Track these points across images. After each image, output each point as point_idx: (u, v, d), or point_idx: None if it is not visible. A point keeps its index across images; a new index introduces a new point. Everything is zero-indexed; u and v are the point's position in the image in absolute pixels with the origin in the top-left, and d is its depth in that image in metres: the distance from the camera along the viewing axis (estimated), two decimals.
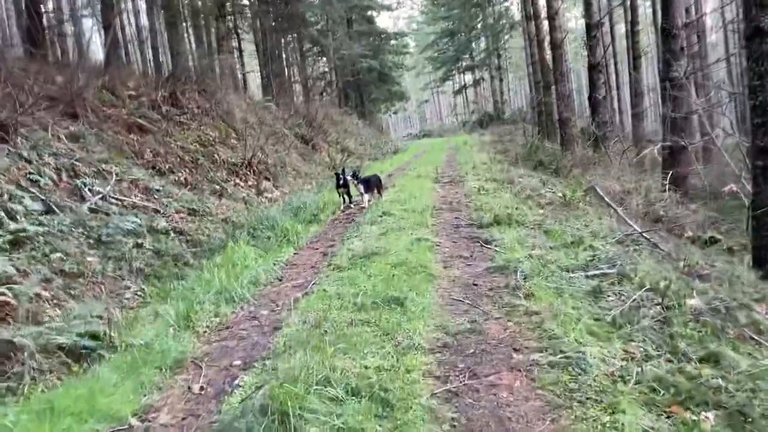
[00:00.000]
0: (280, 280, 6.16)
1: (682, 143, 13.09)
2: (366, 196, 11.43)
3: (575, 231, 7.59)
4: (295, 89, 40.54)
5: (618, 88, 31.18)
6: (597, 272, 5.76)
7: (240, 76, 30.88)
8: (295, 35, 40.30)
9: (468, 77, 67.04)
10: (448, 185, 13.32)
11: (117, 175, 9.73)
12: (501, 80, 58.67)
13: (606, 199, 8.11)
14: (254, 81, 43.80)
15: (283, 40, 38.52)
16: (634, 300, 4.68)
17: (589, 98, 18.06)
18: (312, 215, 9.82)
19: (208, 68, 19.78)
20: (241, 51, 37.56)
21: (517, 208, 9.22)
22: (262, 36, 32.15)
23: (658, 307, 4.54)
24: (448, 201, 10.77)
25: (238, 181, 13.85)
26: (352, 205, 11.68)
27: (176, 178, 11.91)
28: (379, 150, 31.31)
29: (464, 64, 64.27)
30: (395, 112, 66.35)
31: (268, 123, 20.08)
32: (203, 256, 8.20)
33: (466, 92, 68.76)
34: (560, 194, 10.82)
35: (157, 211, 9.60)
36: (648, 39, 36.85)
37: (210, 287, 5.67)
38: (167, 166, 12.01)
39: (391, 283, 5.33)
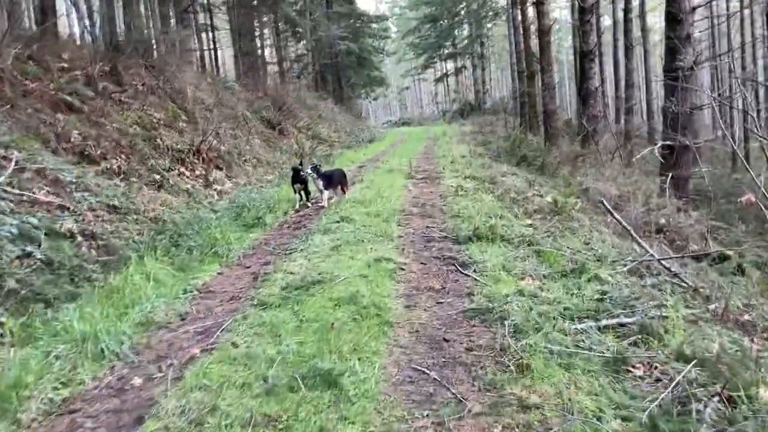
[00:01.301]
0: (183, 320, 4.52)
1: (686, 142, 11.67)
2: (326, 194, 9.81)
3: (574, 251, 6.07)
4: (270, 71, 38.60)
5: (604, 81, 29.79)
6: (612, 321, 4.23)
7: (200, 54, 28.88)
8: (271, 14, 38.30)
9: (450, 65, 65.40)
10: (423, 182, 11.74)
11: (18, 162, 7.94)
12: (483, 69, 57.13)
13: (620, 220, 6.59)
14: (228, 61, 41.76)
15: (256, 19, 36.51)
16: (678, 384, 3.16)
17: (579, 89, 16.60)
18: (256, 217, 8.14)
19: (162, 42, 17.87)
20: (213, 27, 35.54)
21: (501, 217, 7.68)
22: (234, 12, 30.16)
23: (716, 399, 3.03)
24: (421, 203, 9.19)
25: (183, 170, 12.09)
26: (309, 204, 10.05)
27: (108, 166, 10.18)
28: (355, 138, 29.59)
29: (446, 51, 62.57)
30: (375, 99, 64.45)
31: (229, 105, 18.27)
32: (114, 267, 6.52)
33: (447, 80, 67.11)
34: (550, 199, 9.31)
35: (65, 209, 7.85)
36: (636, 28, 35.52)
37: (77, 331, 4.01)
38: (99, 152, 10.27)
39: (327, 341, 3.73)
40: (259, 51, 37.56)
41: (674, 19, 11.65)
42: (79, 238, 7.24)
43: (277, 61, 40.68)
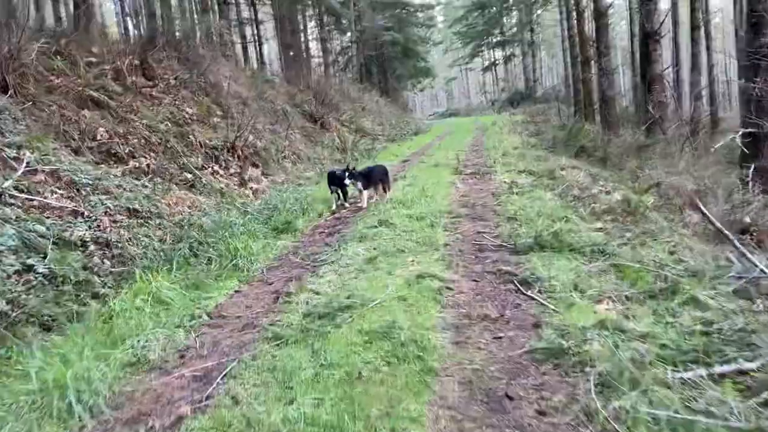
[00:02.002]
0: (182, 358, 3.70)
1: None
2: (365, 194, 8.93)
3: (659, 264, 4.99)
4: (314, 65, 38.04)
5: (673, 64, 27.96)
6: (728, 369, 3.19)
7: (243, 47, 28.42)
8: (315, 7, 37.70)
9: (498, 53, 63.46)
10: (472, 178, 10.70)
11: (29, 164, 7.35)
12: (533, 56, 55.15)
13: (723, 230, 5.46)
14: (273, 55, 41.40)
15: (300, 11, 35.92)
16: None
17: (643, 74, 15.16)
18: (286, 222, 7.30)
19: (197, 34, 17.31)
20: (256, 20, 35.19)
21: (565, 219, 6.62)
22: (276, 3, 29.56)
23: None
24: (471, 203, 8.19)
25: (216, 168, 11.41)
26: (346, 204, 9.18)
27: (136, 165, 9.57)
28: (399, 130, 28.63)
29: (494, 39, 60.75)
30: (421, 90, 63.28)
31: (269, 99, 17.58)
32: (129, 278, 5.81)
33: (495, 69, 65.22)
34: (620, 197, 8.16)
35: (78, 214, 7.22)
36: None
37: (48, 378, 3.23)
38: (126, 150, 9.68)
39: (351, 399, 2.84)
40: (303, 44, 36.94)
41: None
42: (92, 247, 6.56)
43: (322, 54, 40.05)
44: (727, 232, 5.27)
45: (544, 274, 4.77)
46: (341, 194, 9.32)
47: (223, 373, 3.34)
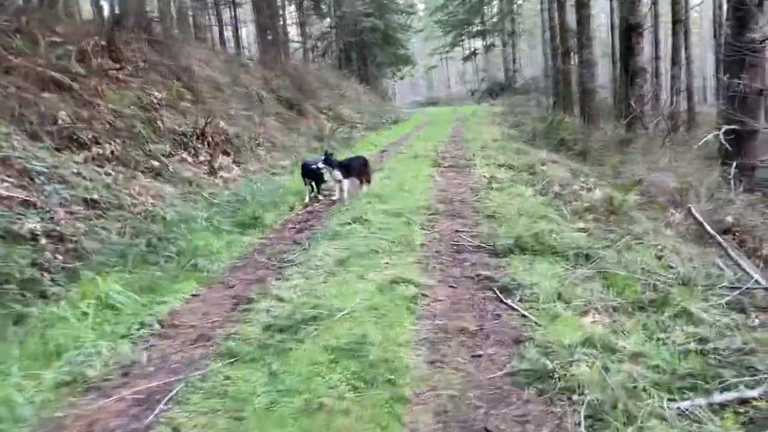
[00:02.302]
0: (125, 375, 3.28)
1: (755, 126, 10.12)
2: (345, 184, 8.55)
3: (647, 271, 4.71)
4: (293, 50, 37.32)
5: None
6: (729, 396, 2.91)
7: (219, 30, 27.67)
8: None
9: (478, 43, 63.04)
10: (451, 171, 10.38)
11: None
12: (513, 46, 54.89)
13: (718, 237, 5.20)
14: (252, 40, 40.52)
15: None
16: None
17: (625, 66, 14.95)
18: (253, 216, 6.87)
19: (173, 16, 16.69)
20: (234, 3, 34.41)
21: (546, 218, 6.32)
22: None
23: None
24: (449, 198, 7.86)
25: (185, 155, 10.92)
26: (320, 197, 8.78)
27: (100, 152, 9.08)
28: (379, 119, 28.17)
29: (475, 29, 60.34)
30: (401, 78, 62.65)
31: (243, 84, 17.03)
32: (83, 276, 5.36)
33: (475, 59, 64.81)
34: (602, 194, 7.90)
35: (30, 205, 6.74)
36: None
37: None
38: (90, 135, 9.17)
39: None
40: (281, 28, 36.19)
41: None
42: (43, 241, 6.11)
43: (301, 39, 39.31)
44: (721, 239, 5.01)
45: (525, 281, 4.46)
46: (315, 186, 8.92)
47: (168, 396, 2.95)
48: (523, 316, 3.88)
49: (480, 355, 3.34)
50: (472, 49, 64.02)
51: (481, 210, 7.00)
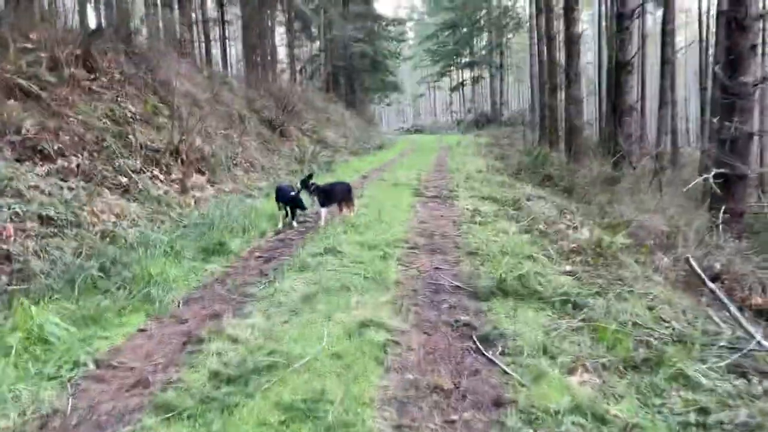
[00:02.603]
0: (42, 429, 2.81)
1: (744, 171, 9.92)
2: (323, 213, 8.16)
3: (639, 323, 4.33)
4: (281, 71, 37.14)
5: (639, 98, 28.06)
6: None
7: (206, 47, 27.29)
8: (285, 12, 36.90)
9: (466, 74, 63.52)
10: (433, 202, 10.00)
11: None
12: (501, 79, 55.31)
13: (717, 291, 4.86)
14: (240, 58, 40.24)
15: (269, 13, 35.00)
16: None
17: (614, 105, 14.82)
18: (219, 243, 6.40)
19: (160, 30, 16.30)
20: (223, 20, 34.24)
21: (532, 258, 5.95)
22: (244, 3, 28.64)
23: None
24: (430, 231, 7.46)
25: (156, 172, 10.45)
26: (294, 224, 8.35)
27: (65, 165, 8.64)
28: (363, 144, 27.92)
29: (464, 60, 60.85)
30: (388, 104, 62.91)
31: (225, 102, 16.63)
32: (28, 296, 4.84)
33: (463, 89, 65.28)
34: (590, 235, 7.56)
35: None
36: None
37: None
38: (55, 147, 8.75)
39: None
40: (270, 49, 36.03)
41: (738, 26, 9.88)
42: None
43: (289, 61, 39.15)
44: (722, 295, 4.65)
45: (508, 329, 4.05)
46: (290, 212, 8.50)
47: None
48: (505, 372, 3.46)
49: (454, 421, 2.90)
50: (460, 80, 64.50)
51: (463, 246, 6.60)
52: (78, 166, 8.84)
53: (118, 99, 11.09)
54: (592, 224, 8.86)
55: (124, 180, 9.38)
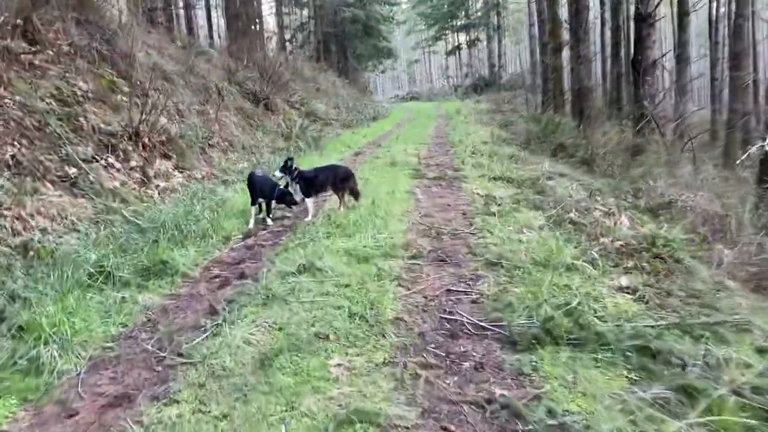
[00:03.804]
0: None
1: None
2: (310, 206, 6.71)
3: (759, 388, 2.88)
4: (268, 40, 35.20)
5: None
6: None
7: (186, 15, 25.42)
8: None
9: (462, 37, 61.21)
10: (437, 186, 8.47)
11: None
12: (499, 41, 53.16)
13: None
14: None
15: None
16: None
17: (633, 62, 13.17)
18: (161, 261, 4.88)
19: None
20: None
21: (574, 269, 4.47)
22: None
23: None
24: (435, 229, 5.93)
25: (112, 160, 8.92)
26: (269, 222, 6.85)
27: None
28: (357, 115, 26.23)
29: (459, 22, 58.46)
30: (382, 72, 60.88)
31: (201, 74, 14.95)
32: None
33: (459, 53, 63.05)
34: (627, 221, 6.08)
35: None
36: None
37: None
38: None
39: None
40: (256, 16, 34.03)
41: None
42: None
43: (278, 29, 37.17)
44: None
45: (571, 414, 2.59)
46: (265, 206, 6.99)
47: None
48: None
49: None
50: (456, 44, 62.23)
51: (479, 251, 5.10)
52: (12, 156, 7.33)
53: (66, 75, 9.49)
54: (628, 208, 7.37)
55: (72, 171, 7.89)
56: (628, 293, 4.23)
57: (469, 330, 3.55)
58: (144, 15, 15.71)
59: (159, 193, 8.96)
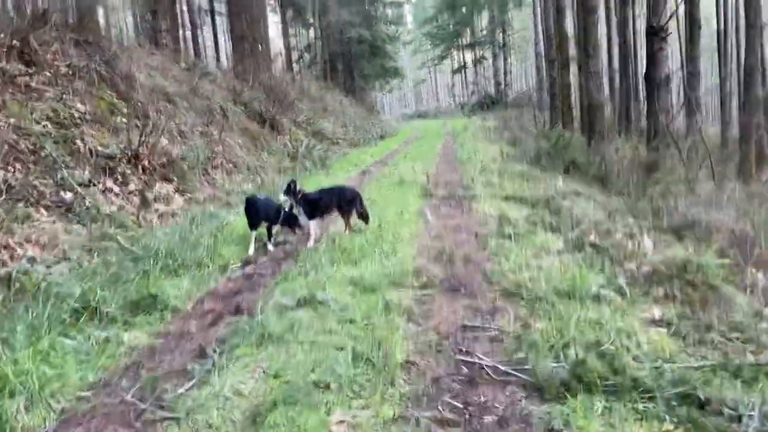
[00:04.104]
0: None
1: None
2: (312, 228, 6.37)
3: None
4: (274, 60, 35.23)
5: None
6: None
7: (193, 37, 25.40)
8: None
9: (468, 56, 61.17)
10: (447, 206, 8.11)
11: None
12: (505, 59, 53.06)
13: None
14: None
15: (257, 1, 33.02)
16: None
17: (646, 77, 12.81)
18: (149, 295, 4.50)
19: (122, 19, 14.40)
20: (213, 10, 32.50)
21: (600, 300, 4.07)
22: None
23: None
24: (447, 254, 5.52)
25: (111, 183, 8.64)
26: (270, 248, 6.49)
27: None
28: (364, 134, 25.98)
29: (465, 41, 58.43)
30: (389, 91, 60.80)
31: (205, 95, 14.73)
32: None
33: (465, 72, 62.96)
34: (650, 243, 5.67)
35: None
36: None
37: None
38: None
39: None
40: (262, 37, 34.07)
41: None
42: None
43: (284, 49, 37.15)
44: None
45: None
46: (266, 231, 6.63)
47: None
48: None
49: None
50: (462, 62, 62.24)
51: (496, 278, 4.70)
52: (5, 181, 7.05)
53: (64, 97, 9.26)
54: (650, 229, 6.96)
55: (68, 196, 7.60)
56: (661, 327, 3.81)
57: (490, 375, 3.14)
58: (147, 37, 15.57)
59: (158, 218, 8.65)
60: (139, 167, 9.27)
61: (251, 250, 6.20)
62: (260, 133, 16.31)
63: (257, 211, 6.47)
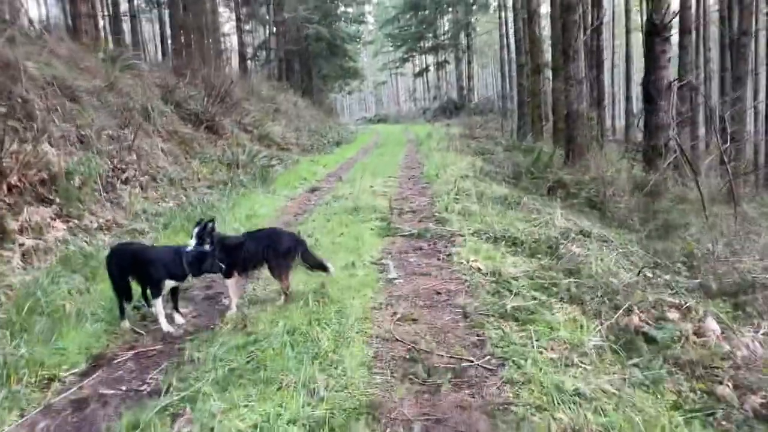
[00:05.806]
0: None
1: None
2: (231, 289, 4.19)
3: None
4: (227, 58, 32.84)
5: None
6: None
7: (131, 26, 22.72)
8: None
9: (430, 59, 59.35)
10: (416, 251, 5.98)
11: None
12: (469, 63, 51.54)
13: None
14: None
15: None
16: None
17: (646, 84, 10.99)
18: None
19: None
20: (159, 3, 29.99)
21: None
22: None
23: None
24: (423, 359, 3.42)
25: None
26: (180, 319, 4.26)
27: None
28: (319, 139, 23.72)
29: (427, 44, 56.59)
30: (349, 93, 58.67)
31: (125, 92, 12.25)
32: None
33: (427, 75, 61.15)
34: (717, 330, 3.73)
35: None
36: None
37: None
38: None
39: None
40: (206, 30, 31.51)
41: None
42: None
43: (239, 46, 34.59)
44: None
45: None
46: (144, 294, 4.40)
47: None
48: None
49: None
50: (424, 66, 60.45)
51: (508, 418, 2.63)
52: None
53: None
54: (694, 292, 4.99)
55: None
56: None
57: None
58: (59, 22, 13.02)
59: (21, 256, 6.31)
60: (3, 185, 6.88)
61: (126, 324, 3.93)
62: (194, 137, 13.89)
63: (114, 264, 4.23)
